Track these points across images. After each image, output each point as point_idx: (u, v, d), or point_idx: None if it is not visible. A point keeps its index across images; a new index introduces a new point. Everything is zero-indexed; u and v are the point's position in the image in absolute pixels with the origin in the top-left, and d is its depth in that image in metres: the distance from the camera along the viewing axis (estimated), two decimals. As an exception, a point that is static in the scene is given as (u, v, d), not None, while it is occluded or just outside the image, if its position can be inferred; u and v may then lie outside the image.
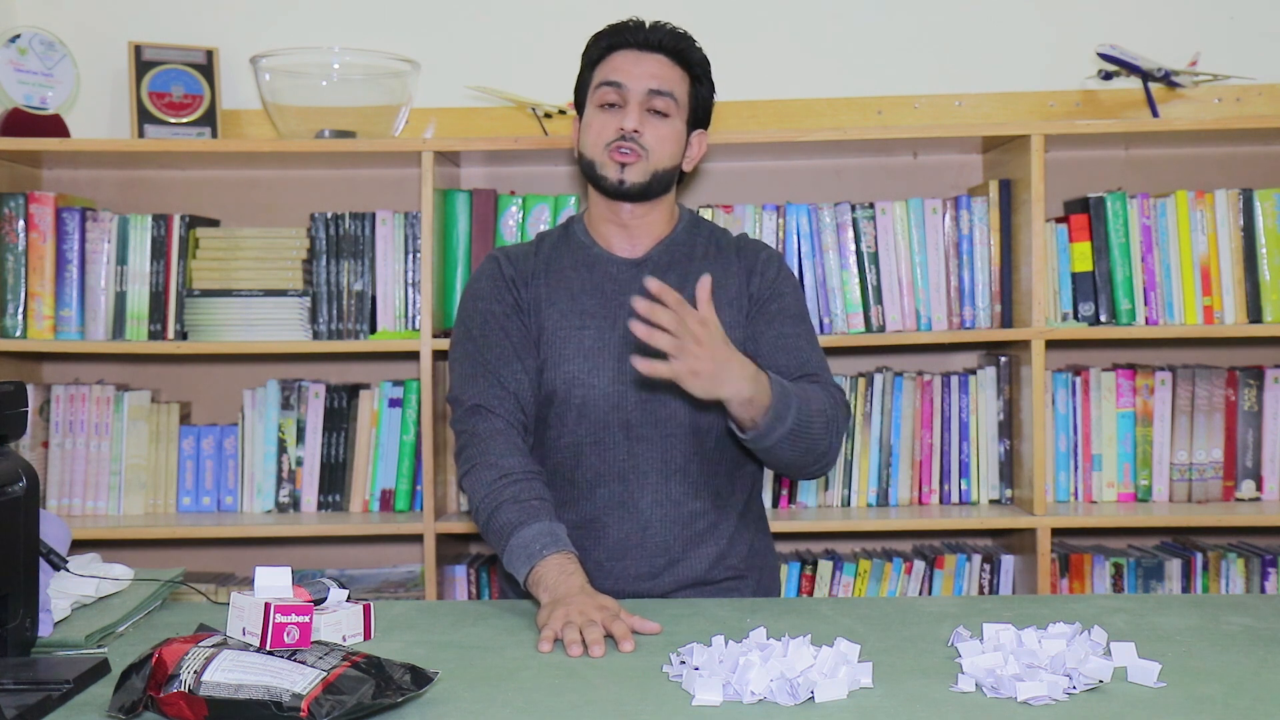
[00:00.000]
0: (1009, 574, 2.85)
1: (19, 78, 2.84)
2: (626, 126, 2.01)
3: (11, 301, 2.82)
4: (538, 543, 1.83)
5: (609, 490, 2.03)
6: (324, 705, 1.25)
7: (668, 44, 2.06)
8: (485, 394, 2.00)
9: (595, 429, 2.03)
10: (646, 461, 2.03)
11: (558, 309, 2.06)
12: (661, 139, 2.04)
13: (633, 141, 2.01)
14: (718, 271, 2.08)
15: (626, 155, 2.01)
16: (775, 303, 2.09)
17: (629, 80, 2.03)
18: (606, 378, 2.02)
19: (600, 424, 2.02)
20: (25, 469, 1.52)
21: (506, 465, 1.94)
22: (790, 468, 1.97)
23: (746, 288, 2.09)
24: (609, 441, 2.03)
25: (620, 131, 2.02)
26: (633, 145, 2.01)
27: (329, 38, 2.98)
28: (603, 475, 2.03)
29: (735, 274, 2.10)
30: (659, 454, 2.03)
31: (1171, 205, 2.79)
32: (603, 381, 2.02)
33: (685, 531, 2.04)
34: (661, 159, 2.04)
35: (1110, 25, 3.01)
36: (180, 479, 2.90)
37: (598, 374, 2.02)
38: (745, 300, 2.09)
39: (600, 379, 2.02)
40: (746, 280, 2.10)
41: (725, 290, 2.07)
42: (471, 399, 2.01)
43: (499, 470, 1.93)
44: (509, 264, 2.10)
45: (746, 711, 1.35)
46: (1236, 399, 2.84)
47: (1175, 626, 1.69)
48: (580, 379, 2.02)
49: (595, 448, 2.03)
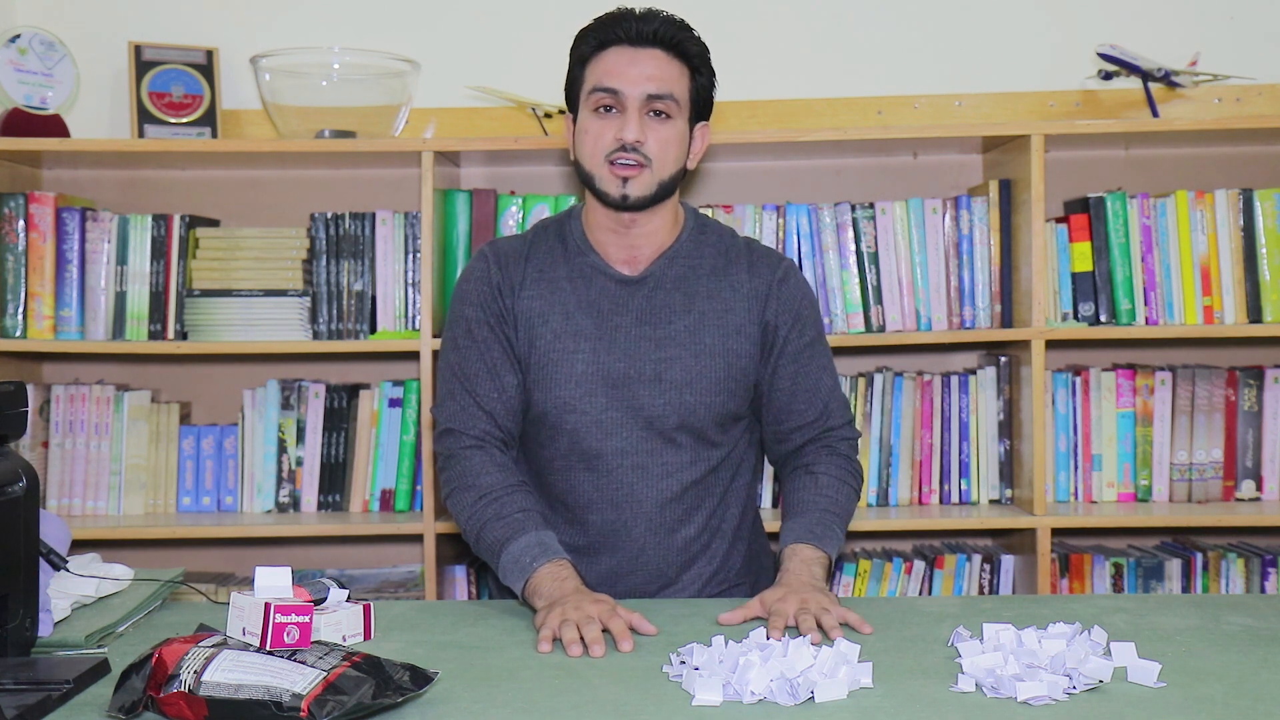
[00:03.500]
0: (1009, 574, 2.85)
1: (19, 78, 2.84)
2: (627, 138, 1.89)
3: (11, 301, 2.82)
4: (528, 555, 1.82)
5: (601, 517, 1.99)
6: (324, 705, 1.25)
7: (663, 36, 1.91)
8: (459, 416, 1.97)
9: (587, 455, 1.97)
10: (641, 490, 1.98)
11: (550, 328, 1.97)
12: (665, 144, 1.91)
13: (635, 152, 1.90)
14: (725, 293, 2.00)
15: (629, 169, 1.90)
16: (796, 334, 2.01)
17: (625, 85, 1.89)
18: (599, 405, 1.96)
19: (592, 451, 1.97)
20: (25, 469, 1.52)
21: (485, 484, 1.91)
22: None
23: (760, 313, 2.00)
24: (602, 468, 1.97)
25: (619, 141, 1.89)
26: (635, 156, 1.90)
27: (329, 38, 2.98)
28: (595, 502, 1.98)
29: (745, 295, 2.00)
30: (655, 482, 1.98)
31: (1171, 205, 2.79)
32: (595, 409, 1.96)
33: (679, 557, 2.01)
34: (666, 166, 1.92)
35: (1110, 25, 3.01)
36: (180, 479, 2.90)
37: (590, 400, 1.96)
38: (756, 327, 2.00)
39: (593, 405, 1.96)
40: (763, 305, 2.00)
41: (733, 315, 1.99)
42: (445, 421, 1.98)
43: (478, 490, 1.91)
44: (497, 268, 2.00)
45: (746, 711, 1.35)
46: (1236, 399, 2.84)
47: (1175, 626, 1.69)
48: (572, 405, 1.96)
49: (588, 474, 1.98)
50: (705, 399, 1.96)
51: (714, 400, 1.97)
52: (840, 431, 2.06)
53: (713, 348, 1.97)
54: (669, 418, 1.96)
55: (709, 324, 1.98)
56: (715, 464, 2.01)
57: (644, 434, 1.96)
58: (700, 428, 1.98)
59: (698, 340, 1.97)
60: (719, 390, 1.97)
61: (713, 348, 1.97)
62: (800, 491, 1.99)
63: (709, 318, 1.98)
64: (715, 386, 1.97)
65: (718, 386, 1.97)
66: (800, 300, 2.03)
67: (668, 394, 1.95)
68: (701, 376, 1.96)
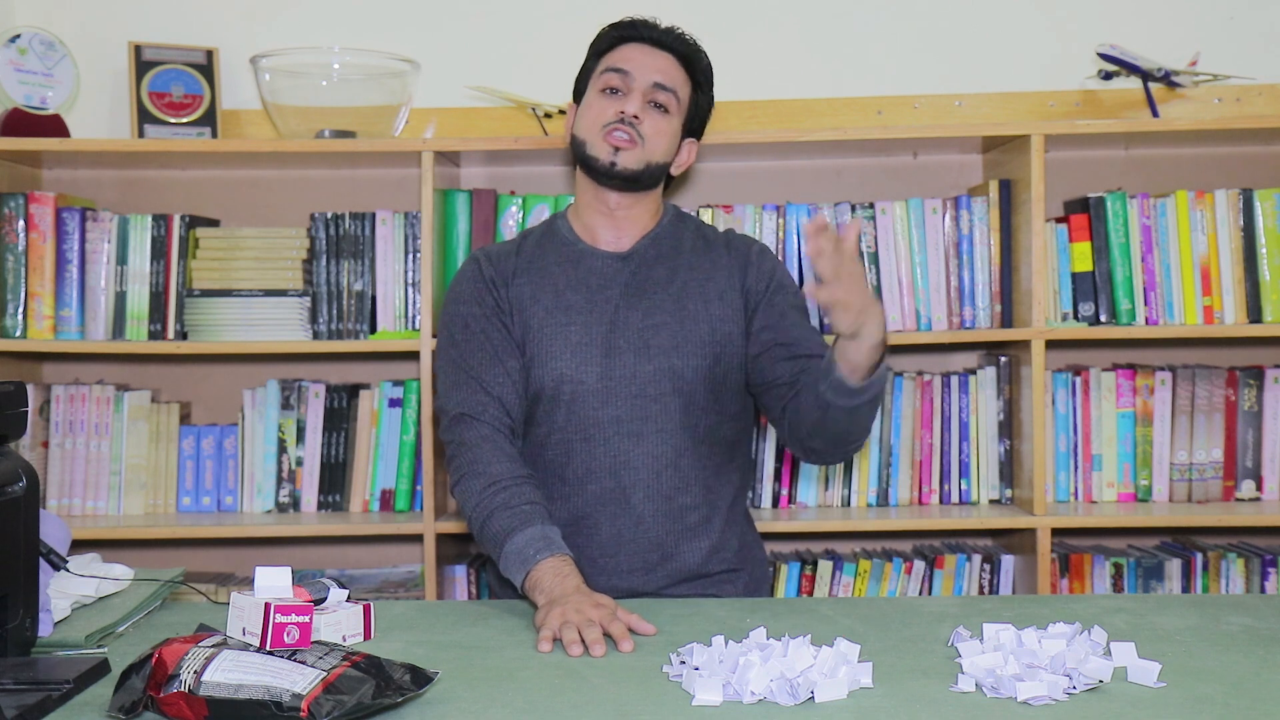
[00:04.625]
0: (1009, 574, 2.85)
1: (19, 78, 2.84)
2: (628, 110, 2.01)
3: (11, 301, 2.82)
4: (531, 548, 1.83)
5: (600, 486, 2.03)
6: (324, 705, 1.25)
7: (677, 46, 2.07)
8: (469, 402, 2.00)
9: (584, 425, 2.03)
10: (637, 457, 2.03)
11: (543, 306, 2.05)
12: (659, 132, 2.04)
13: (631, 127, 2.01)
14: (706, 265, 2.09)
15: (623, 140, 2.01)
16: (780, 295, 2.09)
17: (635, 69, 2.03)
18: (594, 373, 2.02)
19: (590, 420, 2.02)
20: (25, 469, 1.52)
21: (495, 472, 1.93)
22: (851, 438, 1.98)
23: (741, 282, 2.09)
24: (599, 437, 2.03)
25: (620, 114, 2.02)
26: (630, 131, 2.01)
27: (329, 38, 2.98)
28: (593, 471, 2.03)
29: (725, 267, 2.10)
30: (649, 448, 2.03)
31: (1171, 205, 2.79)
32: (590, 377, 2.02)
33: (677, 525, 2.04)
34: (656, 151, 2.05)
35: (1110, 25, 3.01)
36: (180, 479, 2.90)
37: (586, 369, 2.02)
38: (738, 295, 2.09)
39: (588, 375, 2.02)
40: (741, 275, 2.10)
41: (714, 283, 2.08)
42: (456, 408, 2.01)
43: (488, 478, 1.93)
44: (489, 264, 2.10)
45: (746, 711, 1.35)
46: (1236, 399, 2.84)
47: (1175, 626, 1.69)
48: (568, 375, 2.02)
49: (585, 444, 2.03)
50: (692, 361, 2.04)
51: (700, 363, 2.04)
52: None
53: (696, 313, 2.06)
54: (660, 382, 2.03)
55: (691, 292, 2.07)
56: (707, 431, 2.06)
57: (637, 401, 2.03)
58: (690, 391, 2.04)
59: (682, 307, 2.06)
60: (705, 354, 2.04)
61: (696, 313, 2.06)
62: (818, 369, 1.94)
63: (691, 286, 2.08)
64: (701, 350, 2.04)
65: (703, 350, 2.04)
66: (777, 269, 2.13)
67: (656, 360, 2.03)
68: (687, 340, 2.04)
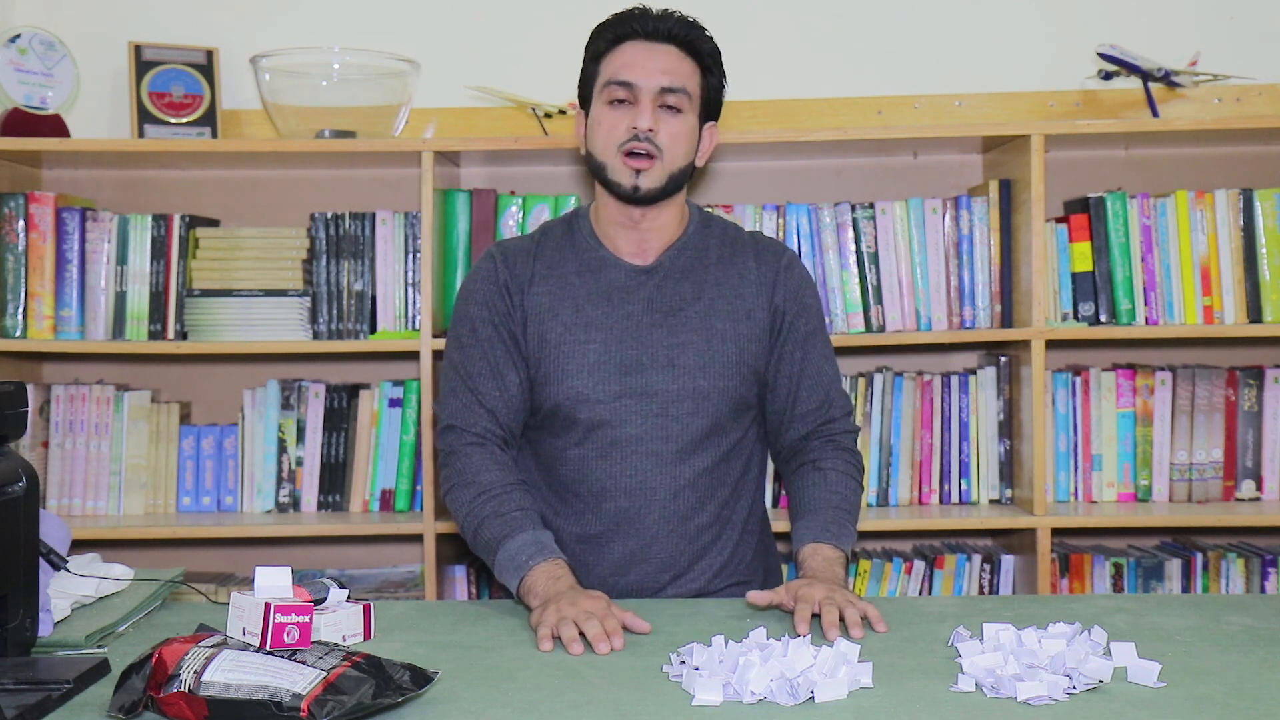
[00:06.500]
0: (1009, 574, 2.85)
1: (19, 78, 2.84)
2: (640, 125, 1.92)
3: (11, 301, 2.82)
4: (524, 554, 1.83)
5: (615, 505, 1.99)
6: (324, 705, 1.25)
7: (678, 34, 1.96)
8: (460, 413, 1.98)
9: (602, 444, 1.98)
10: (656, 477, 1.98)
11: (561, 320, 1.98)
12: (676, 137, 1.95)
13: (647, 141, 1.93)
14: (734, 279, 2.03)
15: (640, 160, 1.93)
16: (802, 321, 2.05)
17: (640, 77, 1.93)
18: (613, 392, 1.96)
19: (607, 440, 1.97)
20: (25, 469, 1.52)
21: (484, 481, 1.92)
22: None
23: (770, 298, 2.03)
24: (616, 456, 1.98)
25: (633, 130, 1.93)
26: (647, 146, 1.93)
27: (329, 38, 2.98)
28: (609, 490, 1.99)
29: (753, 281, 2.03)
30: (669, 469, 1.98)
31: (1171, 205, 2.79)
32: (609, 396, 1.96)
33: (691, 546, 2.01)
34: (676, 158, 1.96)
35: (1110, 25, 3.01)
36: (180, 479, 2.90)
37: (603, 389, 1.96)
38: (765, 314, 2.02)
39: (607, 394, 1.96)
40: (770, 290, 2.03)
41: (742, 300, 2.02)
42: (447, 418, 2.00)
43: (477, 488, 1.92)
44: (505, 267, 2.02)
45: (746, 711, 1.35)
46: (1236, 399, 2.84)
47: (1175, 626, 1.69)
48: (585, 395, 1.96)
49: (602, 462, 1.98)
50: (719, 383, 1.98)
51: (728, 385, 1.99)
52: (841, 424, 2.07)
53: (724, 332, 2.00)
54: (683, 403, 1.97)
55: (719, 309, 2.01)
56: (727, 451, 2.02)
57: (658, 421, 1.97)
58: (714, 413, 1.99)
59: (709, 325, 2.00)
60: (732, 374, 1.99)
61: (724, 332, 2.00)
62: (810, 489, 2.00)
63: (719, 303, 2.01)
64: (728, 370, 1.99)
65: (730, 370, 1.99)
66: (805, 288, 2.08)
67: (681, 379, 1.97)
68: (714, 361, 1.98)
